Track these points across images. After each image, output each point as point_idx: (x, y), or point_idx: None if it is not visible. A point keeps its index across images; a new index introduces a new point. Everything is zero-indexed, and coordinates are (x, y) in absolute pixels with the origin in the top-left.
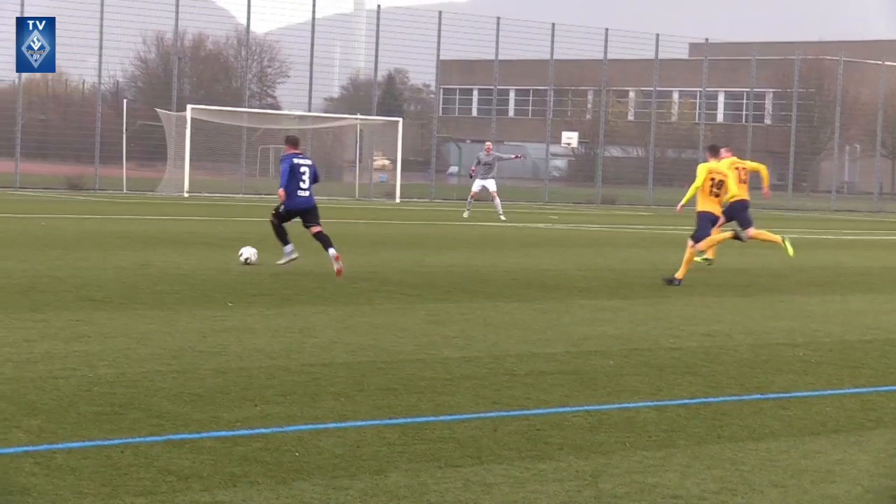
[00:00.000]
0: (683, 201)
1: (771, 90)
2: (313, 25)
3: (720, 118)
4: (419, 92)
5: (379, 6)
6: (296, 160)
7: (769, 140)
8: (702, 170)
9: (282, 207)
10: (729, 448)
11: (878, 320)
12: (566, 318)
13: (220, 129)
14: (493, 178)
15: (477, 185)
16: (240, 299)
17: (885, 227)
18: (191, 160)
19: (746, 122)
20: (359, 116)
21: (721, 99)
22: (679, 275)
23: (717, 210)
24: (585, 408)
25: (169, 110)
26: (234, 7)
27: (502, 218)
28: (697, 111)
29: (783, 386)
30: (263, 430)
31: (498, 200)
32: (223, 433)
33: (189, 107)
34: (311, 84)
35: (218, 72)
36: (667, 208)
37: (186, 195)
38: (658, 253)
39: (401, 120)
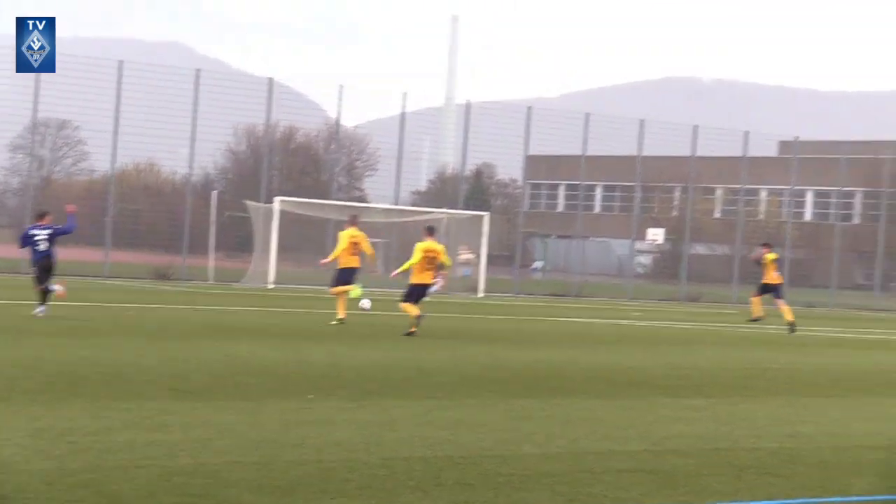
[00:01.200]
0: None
1: (860, 189)
2: (403, 119)
3: (808, 216)
4: (506, 186)
5: (469, 101)
6: None
7: (857, 239)
8: (416, 249)
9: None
10: None
11: None
12: (648, 416)
13: (307, 220)
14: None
15: None
16: (321, 391)
17: None
18: (277, 252)
19: (834, 220)
20: (444, 210)
21: (809, 197)
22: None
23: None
24: None
25: (257, 202)
26: (325, 100)
27: None
28: (785, 209)
29: (864, 489)
30: None
31: None
32: None
33: (277, 199)
34: (398, 177)
35: (307, 164)
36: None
37: (271, 286)
38: (742, 351)
39: (487, 214)
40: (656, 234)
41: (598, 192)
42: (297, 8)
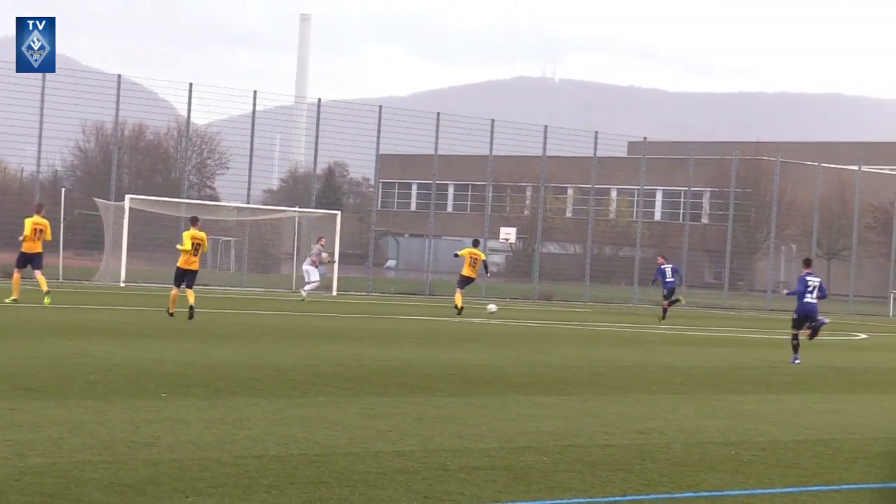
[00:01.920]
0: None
1: (708, 189)
2: (253, 118)
3: (657, 216)
4: (358, 185)
5: (319, 100)
6: None
7: (706, 238)
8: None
9: None
10: None
11: (812, 420)
12: (501, 413)
13: (158, 219)
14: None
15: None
16: (173, 390)
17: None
18: (128, 250)
19: (684, 220)
20: (297, 209)
21: (659, 197)
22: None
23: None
24: (518, 503)
25: (107, 200)
26: (174, 98)
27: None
28: (635, 209)
29: (715, 484)
30: None
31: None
32: None
33: (128, 196)
34: (250, 176)
35: (157, 162)
36: (603, 305)
37: (123, 285)
38: (595, 349)
39: (339, 213)
40: (508, 234)
41: (451, 192)
42: (144, 5)
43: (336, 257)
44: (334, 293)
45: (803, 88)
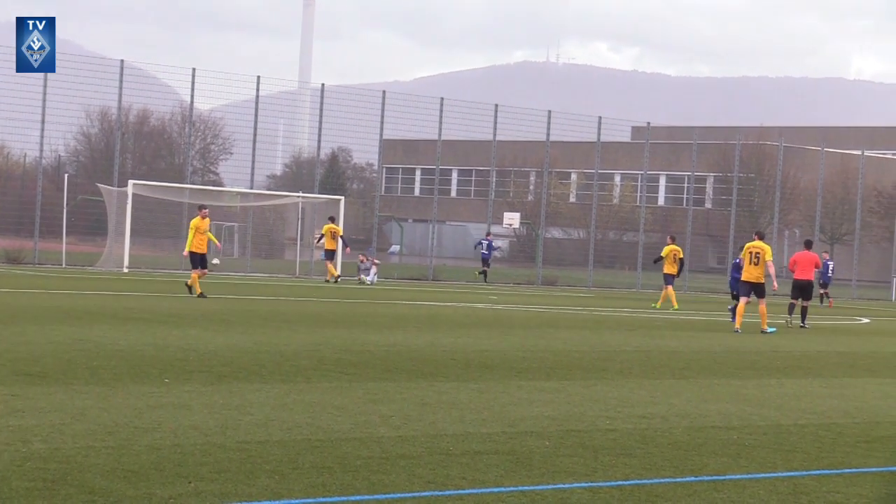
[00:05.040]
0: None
1: (712, 174)
2: (257, 103)
3: (661, 201)
4: (362, 170)
5: (323, 85)
6: None
7: (709, 223)
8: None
9: None
10: None
11: (813, 404)
12: (504, 398)
13: (161, 204)
14: None
15: None
16: (176, 376)
17: (822, 311)
18: (131, 236)
19: (687, 205)
20: (301, 194)
21: (662, 182)
22: None
23: None
24: (520, 488)
25: (111, 185)
26: (178, 84)
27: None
28: (638, 194)
29: (717, 469)
30: None
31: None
32: None
33: (131, 182)
34: (253, 161)
35: (161, 147)
36: (607, 290)
37: (126, 270)
38: (597, 334)
39: (343, 198)
40: (512, 219)
41: (454, 177)
42: None
43: (340, 243)
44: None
45: (806, 73)
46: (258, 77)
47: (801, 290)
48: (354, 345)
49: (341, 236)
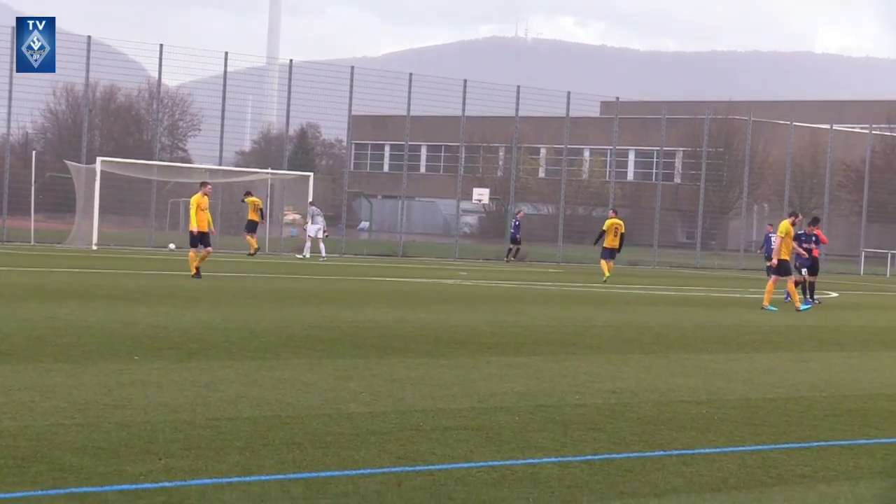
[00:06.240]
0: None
1: (681, 149)
2: (225, 79)
3: (630, 176)
4: (331, 147)
5: (291, 60)
6: None
7: (679, 198)
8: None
9: None
10: None
11: (782, 378)
12: (473, 373)
13: (129, 182)
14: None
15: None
16: (146, 353)
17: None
18: (100, 213)
19: (656, 180)
20: (269, 170)
21: (631, 157)
22: None
23: None
24: (490, 463)
25: (78, 162)
26: (145, 60)
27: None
28: (608, 169)
29: (686, 443)
30: (167, 484)
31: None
32: (126, 486)
33: (99, 159)
34: (222, 137)
35: (129, 124)
36: (576, 265)
37: (95, 248)
38: (567, 309)
39: (312, 174)
40: (481, 195)
41: (423, 153)
42: None
43: (309, 219)
44: (307, 254)
45: (774, 47)
46: (226, 53)
47: (809, 267)
48: (324, 321)
49: (260, 209)
